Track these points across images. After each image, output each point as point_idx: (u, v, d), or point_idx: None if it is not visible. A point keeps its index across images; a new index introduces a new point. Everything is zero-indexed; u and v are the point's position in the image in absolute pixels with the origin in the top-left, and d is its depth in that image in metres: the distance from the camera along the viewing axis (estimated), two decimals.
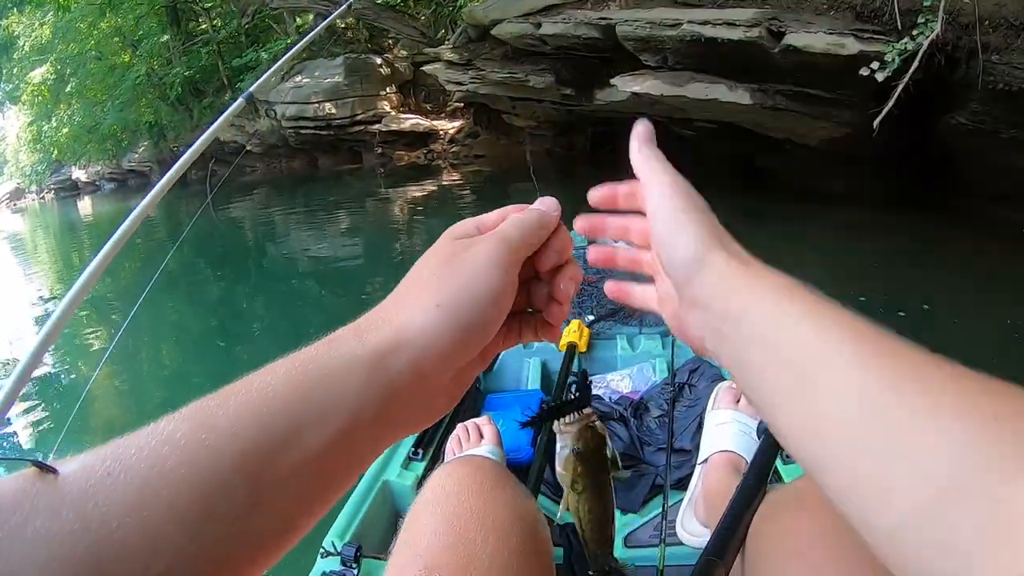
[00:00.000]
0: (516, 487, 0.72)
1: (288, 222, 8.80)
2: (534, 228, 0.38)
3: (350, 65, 11.66)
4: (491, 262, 0.35)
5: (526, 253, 0.37)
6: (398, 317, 0.33)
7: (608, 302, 2.01)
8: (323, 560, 1.04)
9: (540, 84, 7.04)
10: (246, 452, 0.27)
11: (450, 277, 0.34)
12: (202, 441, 0.26)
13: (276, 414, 0.28)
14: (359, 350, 0.32)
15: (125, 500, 0.24)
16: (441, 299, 0.33)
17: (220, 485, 0.26)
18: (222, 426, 0.27)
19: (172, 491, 0.25)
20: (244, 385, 0.29)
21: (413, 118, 11.80)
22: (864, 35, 4.33)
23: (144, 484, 0.25)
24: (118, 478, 0.25)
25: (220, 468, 0.26)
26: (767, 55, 4.68)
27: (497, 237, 0.36)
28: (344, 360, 0.31)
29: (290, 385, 0.30)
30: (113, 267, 4.48)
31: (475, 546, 0.61)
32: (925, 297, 3.37)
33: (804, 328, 0.32)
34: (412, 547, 0.63)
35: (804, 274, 0.38)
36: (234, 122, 14.81)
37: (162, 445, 0.26)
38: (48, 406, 3.48)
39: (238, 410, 0.28)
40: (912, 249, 4.46)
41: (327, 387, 0.30)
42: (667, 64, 5.39)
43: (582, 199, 0.52)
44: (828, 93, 4.77)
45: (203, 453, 0.26)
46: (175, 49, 14.73)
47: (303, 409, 0.29)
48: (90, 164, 19.04)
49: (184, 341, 4.36)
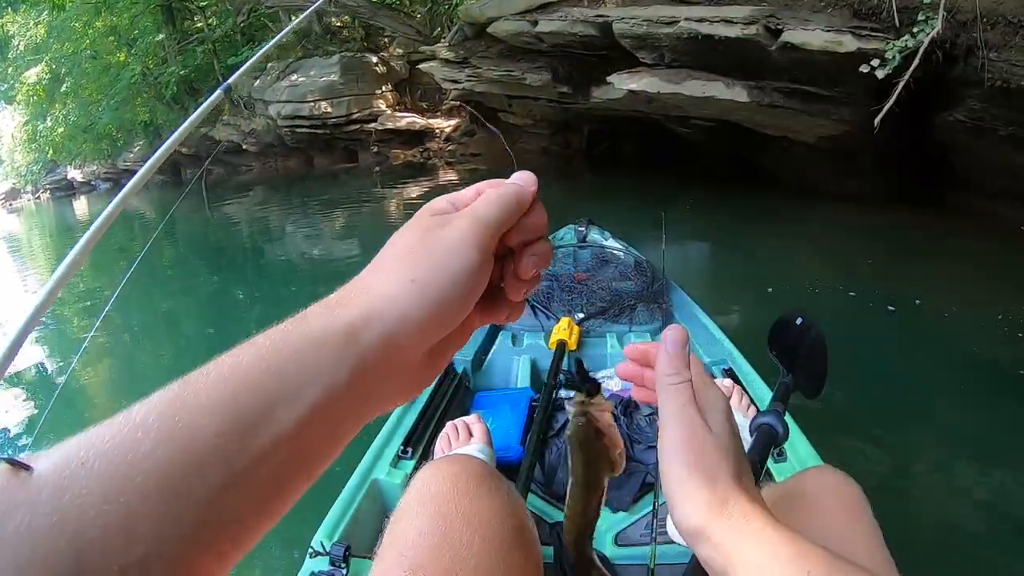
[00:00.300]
0: (502, 485, 0.71)
1: (284, 221, 8.77)
2: (510, 205, 0.37)
3: (346, 64, 11.62)
4: (466, 239, 0.34)
5: (501, 230, 0.36)
6: (372, 291, 0.33)
7: (598, 300, 2.00)
8: (312, 560, 1.03)
9: (537, 82, 7.02)
10: (220, 431, 0.27)
11: (426, 253, 0.34)
12: (175, 423, 0.26)
13: (248, 391, 0.28)
14: (332, 324, 0.31)
15: (101, 488, 0.24)
16: (416, 274, 0.33)
17: (195, 466, 0.26)
18: (194, 406, 0.27)
19: (147, 476, 0.25)
20: (215, 365, 0.29)
21: (409, 116, 11.77)
22: (861, 32, 4.31)
23: (118, 471, 0.24)
24: (92, 467, 0.24)
25: (194, 450, 0.26)
26: (764, 52, 4.66)
27: (473, 214, 0.36)
28: (316, 335, 0.31)
29: (262, 362, 0.29)
30: (107, 266, 4.52)
31: (461, 546, 0.61)
32: (917, 292, 3.36)
33: None
34: (397, 548, 0.63)
35: (799, 270, 0.36)
36: (229, 121, 14.73)
37: (135, 430, 0.26)
38: (31, 401, 3.46)
39: (209, 390, 0.28)
40: (907, 245, 4.46)
41: (299, 362, 0.30)
42: (664, 62, 5.37)
43: (578, 197, 0.50)
44: (826, 91, 4.76)
45: (177, 435, 0.26)
46: (170, 48, 14.66)
47: (276, 385, 0.29)
48: (85, 164, 18.97)
49: (178, 339, 4.34)
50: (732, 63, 4.98)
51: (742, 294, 3.60)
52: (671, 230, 5.24)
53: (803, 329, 0.94)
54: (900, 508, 1.84)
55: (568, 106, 7.67)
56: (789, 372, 0.93)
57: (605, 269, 2.26)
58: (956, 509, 1.86)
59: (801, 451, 1.23)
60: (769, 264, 4.23)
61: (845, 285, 3.56)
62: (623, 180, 8.20)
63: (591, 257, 2.35)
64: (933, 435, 2.23)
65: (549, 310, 1.94)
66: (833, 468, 0.82)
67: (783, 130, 5.48)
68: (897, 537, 0.71)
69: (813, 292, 3.47)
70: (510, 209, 0.37)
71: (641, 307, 1.97)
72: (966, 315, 3.07)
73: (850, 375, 2.43)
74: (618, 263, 2.28)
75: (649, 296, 2.01)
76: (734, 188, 6.83)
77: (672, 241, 4.85)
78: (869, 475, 2.00)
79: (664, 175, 7.93)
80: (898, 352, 2.80)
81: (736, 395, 1.33)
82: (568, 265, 2.30)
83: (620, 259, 2.31)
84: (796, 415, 1.25)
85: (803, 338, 0.94)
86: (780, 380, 0.92)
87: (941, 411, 2.38)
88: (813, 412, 2.25)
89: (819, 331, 0.94)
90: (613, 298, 2.01)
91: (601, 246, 2.43)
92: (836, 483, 0.77)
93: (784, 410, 0.87)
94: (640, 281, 2.11)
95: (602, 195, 7.15)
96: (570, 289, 2.06)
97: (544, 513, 1.22)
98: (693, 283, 3.91)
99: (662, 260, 2.20)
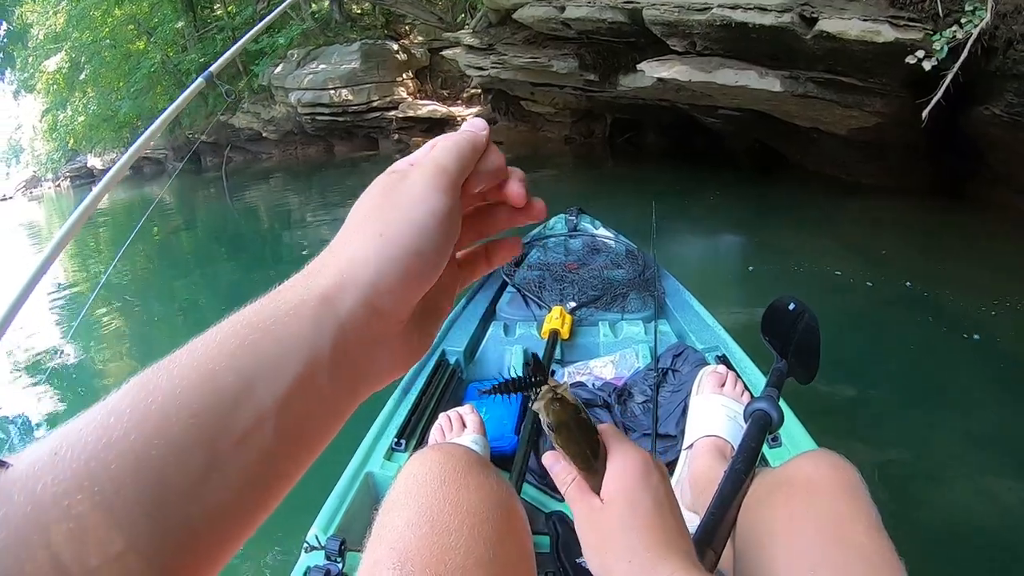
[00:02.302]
0: (491, 474, 0.70)
1: (304, 209, 8.83)
2: (465, 149, 0.36)
3: (366, 51, 11.62)
4: (428, 185, 0.34)
5: (462, 175, 0.36)
6: (342, 255, 0.32)
7: (589, 288, 2.00)
8: (307, 554, 1.02)
9: (563, 69, 6.98)
10: (196, 413, 0.26)
11: (390, 207, 0.33)
12: (148, 406, 0.25)
13: (224, 370, 0.27)
14: (305, 295, 0.30)
15: (76, 477, 0.23)
16: (383, 228, 0.33)
17: (172, 452, 0.25)
18: (168, 388, 0.26)
19: (122, 463, 0.24)
20: (189, 347, 0.28)
21: (430, 104, 11.77)
22: (899, 22, 4.26)
23: (91, 458, 0.23)
24: (64, 456, 0.23)
25: (170, 434, 0.25)
26: (799, 41, 4.62)
27: (430, 162, 0.35)
28: (291, 307, 0.30)
29: (236, 339, 0.28)
30: (126, 253, 4.47)
31: (450, 536, 0.60)
32: (944, 285, 3.35)
33: None
34: (386, 539, 0.62)
35: (829, 263, 0.39)
36: (249, 108, 14.75)
37: (108, 416, 0.25)
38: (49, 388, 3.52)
39: (183, 371, 0.27)
40: (936, 239, 4.44)
41: (275, 336, 0.29)
42: (695, 49, 5.34)
43: (598, 187, 0.54)
44: (860, 81, 4.71)
45: (151, 419, 0.25)
46: (190, 36, 14.73)
47: (252, 363, 0.28)
48: (105, 152, 19.15)
49: (200, 325, 4.29)
50: (764, 51, 4.94)
51: (772, 286, 3.61)
52: (697, 223, 5.22)
53: (796, 315, 0.95)
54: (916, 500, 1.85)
55: (592, 94, 7.62)
56: (782, 358, 0.93)
57: (596, 258, 2.25)
58: (974, 504, 1.86)
59: (796, 436, 1.23)
60: (795, 255, 4.22)
61: (871, 278, 3.55)
62: (646, 170, 8.18)
63: (582, 246, 2.35)
64: (955, 429, 2.20)
65: (541, 299, 1.93)
66: (829, 451, 0.80)
67: (814, 121, 5.44)
68: (895, 523, 0.71)
69: (842, 286, 3.47)
70: (466, 153, 0.36)
71: (633, 295, 1.95)
72: (994, 309, 3.05)
73: (867, 366, 2.45)
74: (609, 251, 2.28)
75: (641, 284, 2.00)
76: (760, 179, 6.81)
77: (698, 234, 4.87)
78: (893, 464, 2.03)
79: (689, 165, 7.91)
80: (926, 347, 2.79)
81: (731, 381, 1.33)
82: (559, 254, 2.30)
83: (611, 247, 2.31)
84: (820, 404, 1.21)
85: (796, 323, 0.95)
86: (774, 366, 0.93)
87: (957, 405, 2.36)
88: (835, 407, 2.28)
89: (812, 316, 0.94)
90: (605, 286, 1.99)
91: (592, 235, 2.43)
92: (833, 466, 0.75)
93: (778, 395, 0.88)
94: (631, 269, 2.10)
95: (624, 185, 7.12)
96: (561, 278, 2.05)
97: (539, 503, 1.22)
98: (719, 277, 3.95)
99: (652, 248, 2.18)
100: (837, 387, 2.39)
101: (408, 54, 11.94)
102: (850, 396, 2.38)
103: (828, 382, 2.39)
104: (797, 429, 1.24)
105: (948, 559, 1.62)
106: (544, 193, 0.41)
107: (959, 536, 1.71)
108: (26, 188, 22.88)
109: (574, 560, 1.02)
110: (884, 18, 4.29)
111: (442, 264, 0.34)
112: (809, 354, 0.93)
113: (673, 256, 4.27)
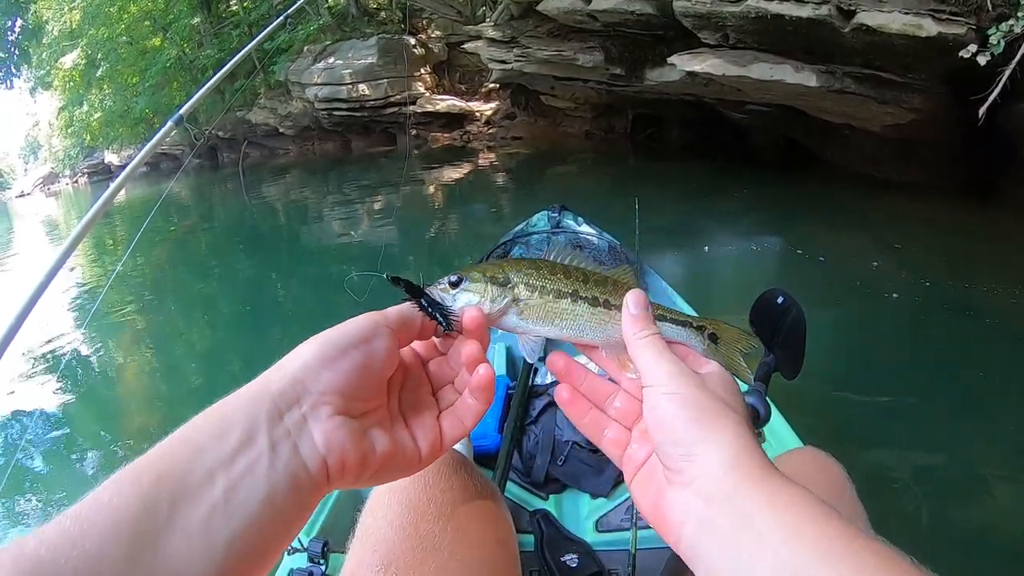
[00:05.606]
0: (474, 474, 0.70)
1: (321, 204, 8.81)
2: (406, 315, 0.44)
3: (384, 46, 11.58)
4: (364, 316, 0.42)
5: (401, 325, 0.43)
6: (284, 365, 0.39)
7: None
8: (290, 557, 1.01)
9: (588, 63, 6.91)
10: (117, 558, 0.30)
11: (331, 328, 0.41)
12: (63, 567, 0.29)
13: (173, 441, 0.34)
14: (248, 387, 0.38)
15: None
16: (314, 337, 0.40)
17: None
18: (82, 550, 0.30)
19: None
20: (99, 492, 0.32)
21: (448, 99, 11.73)
22: (941, 16, 4.17)
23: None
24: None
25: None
26: (837, 34, 4.54)
27: (375, 312, 0.43)
28: (235, 395, 0.37)
29: (184, 428, 0.35)
30: (143, 249, 4.48)
31: (433, 537, 0.60)
32: (980, 286, 3.29)
33: (813, 554, 0.33)
34: (369, 541, 0.62)
35: (859, 260, 0.35)
36: (266, 104, 14.74)
37: (72, 522, 0.30)
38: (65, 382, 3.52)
39: (120, 475, 0.32)
40: (965, 238, 4.34)
41: (218, 411, 0.36)
42: (728, 42, 5.26)
43: (616, 183, 0.50)
44: (899, 77, 4.62)
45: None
46: (206, 32, 14.75)
47: (201, 431, 0.35)
48: (122, 148, 19.26)
49: (216, 322, 4.37)
50: (800, 45, 4.86)
51: (808, 287, 3.56)
52: (723, 223, 5.12)
53: (784, 308, 0.93)
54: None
55: (614, 89, 7.54)
56: (769, 351, 0.92)
57: (579, 255, 2.23)
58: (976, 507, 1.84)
59: (781, 433, 1.23)
60: (830, 249, 4.16)
61: (907, 279, 3.50)
62: (670, 166, 8.10)
63: (565, 243, 2.31)
64: (993, 437, 2.13)
65: None
66: (815, 448, 0.79)
67: (847, 117, 5.35)
68: (933, 526, 0.67)
69: (878, 287, 3.42)
70: (406, 317, 0.44)
71: None
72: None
73: (901, 368, 2.40)
74: (592, 248, 2.26)
75: None
76: (788, 176, 6.70)
77: (726, 233, 4.77)
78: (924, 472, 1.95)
79: (713, 162, 7.82)
80: (960, 349, 2.74)
81: None
82: (542, 252, 2.27)
83: (594, 244, 2.29)
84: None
85: (784, 317, 0.93)
86: (761, 359, 0.91)
87: (994, 410, 2.30)
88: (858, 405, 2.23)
89: (800, 311, 0.92)
90: None
91: (575, 232, 2.41)
92: (820, 463, 0.75)
93: (765, 390, 0.86)
94: (614, 266, 2.09)
95: (647, 182, 7.05)
96: None
97: (523, 501, 1.20)
98: (752, 277, 3.88)
99: (636, 246, 2.19)
100: (867, 389, 2.34)
101: (425, 49, 11.90)
102: (882, 401, 2.32)
103: (857, 385, 2.36)
104: (782, 426, 1.25)
105: (978, 562, 1.60)
106: (565, 189, 0.38)
107: (991, 543, 1.69)
108: (44, 184, 23.07)
109: (558, 558, 1.02)
110: (926, 11, 4.19)
111: (374, 368, 0.41)
112: (795, 349, 0.91)
113: (700, 256, 4.22)
